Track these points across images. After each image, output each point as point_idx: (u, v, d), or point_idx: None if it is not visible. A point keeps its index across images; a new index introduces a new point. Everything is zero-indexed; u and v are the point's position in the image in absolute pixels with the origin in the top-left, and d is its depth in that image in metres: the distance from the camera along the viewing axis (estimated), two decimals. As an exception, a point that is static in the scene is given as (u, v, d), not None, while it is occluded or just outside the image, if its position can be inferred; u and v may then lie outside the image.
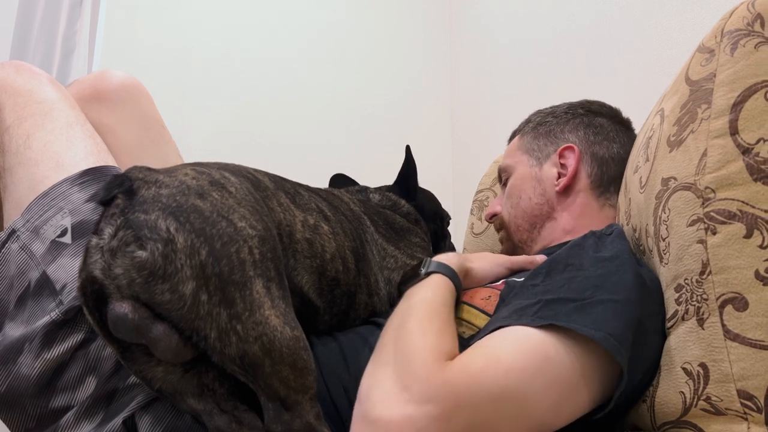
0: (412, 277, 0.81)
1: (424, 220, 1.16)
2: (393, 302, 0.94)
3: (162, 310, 0.60)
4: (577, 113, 1.11)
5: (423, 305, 0.72)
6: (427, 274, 0.79)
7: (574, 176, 1.04)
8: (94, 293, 0.62)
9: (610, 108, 1.12)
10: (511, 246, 1.11)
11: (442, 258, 0.84)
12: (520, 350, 0.64)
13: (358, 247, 0.89)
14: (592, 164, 1.04)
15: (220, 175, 0.71)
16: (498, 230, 1.14)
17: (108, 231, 0.61)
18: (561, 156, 1.06)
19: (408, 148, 1.18)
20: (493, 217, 1.15)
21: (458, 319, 0.79)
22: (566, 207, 1.04)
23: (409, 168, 1.18)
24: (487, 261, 0.92)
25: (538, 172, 1.08)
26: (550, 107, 1.16)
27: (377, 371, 0.65)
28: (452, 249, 1.28)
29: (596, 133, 1.06)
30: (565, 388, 0.65)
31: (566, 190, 1.04)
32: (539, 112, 1.17)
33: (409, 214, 1.12)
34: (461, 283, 0.82)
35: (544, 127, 1.12)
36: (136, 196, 0.63)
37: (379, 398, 0.61)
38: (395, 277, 0.96)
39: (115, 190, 0.64)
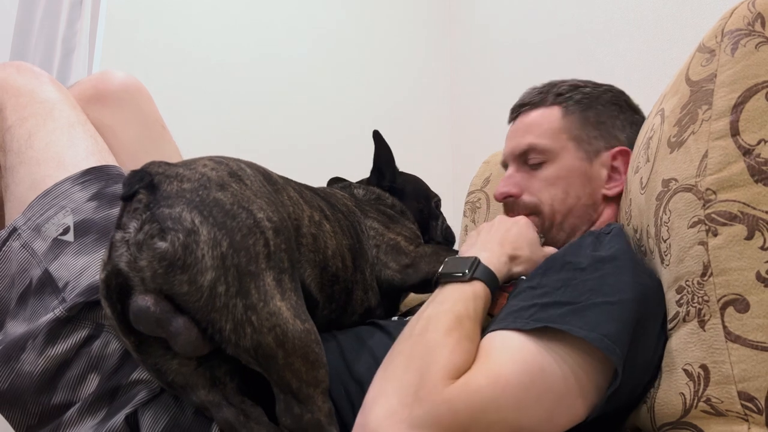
0: (454, 272, 0.77)
1: (406, 201, 1.13)
2: (381, 283, 0.93)
3: (181, 302, 0.61)
4: (623, 107, 1.01)
5: (450, 316, 0.70)
6: (471, 279, 0.76)
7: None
8: (118, 286, 0.63)
9: (635, 104, 1.04)
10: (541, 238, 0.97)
11: (493, 260, 0.80)
12: (516, 362, 0.65)
13: (355, 243, 0.90)
14: None
15: (237, 167, 0.74)
16: (525, 216, 0.97)
17: (133, 225, 0.63)
18: (614, 158, 0.96)
19: (376, 133, 1.13)
20: (507, 198, 1.00)
21: None
22: (605, 215, 0.97)
23: (380, 153, 1.14)
24: (534, 263, 0.85)
25: (589, 168, 0.96)
26: (586, 85, 1.02)
27: (386, 383, 0.65)
28: (448, 231, 1.22)
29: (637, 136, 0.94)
30: (560, 396, 0.65)
31: (613, 197, 0.96)
32: (574, 86, 1.01)
33: (394, 206, 1.11)
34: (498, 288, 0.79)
35: (592, 112, 0.98)
36: (158, 190, 0.65)
37: (380, 413, 0.61)
38: (381, 256, 0.95)
39: (136, 186, 0.65)
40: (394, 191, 1.14)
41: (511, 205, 0.99)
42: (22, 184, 0.83)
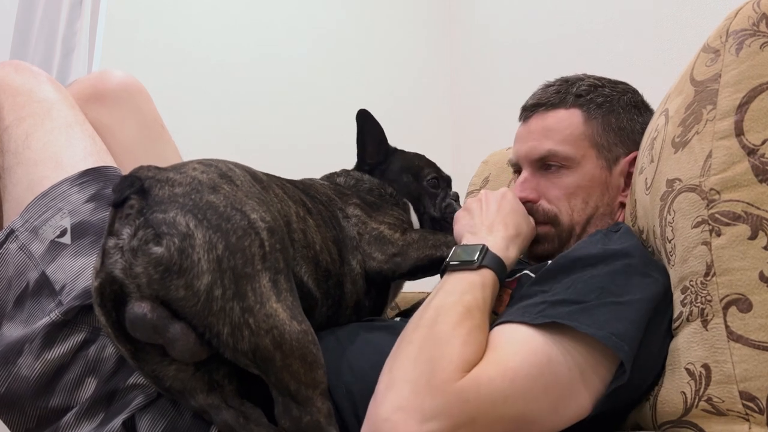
0: (462, 260, 0.77)
1: (391, 180, 1.08)
2: (368, 274, 0.90)
3: (178, 307, 0.61)
4: (641, 109, 0.98)
5: (460, 308, 0.70)
6: (480, 267, 0.75)
7: None
8: (112, 293, 0.62)
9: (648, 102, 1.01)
10: (557, 247, 0.95)
11: (500, 245, 0.79)
12: (524, 353, 0.65)
13: (338, 234, 0.89)
14: None
15: (226, 168, 0.73)
16: (543, 223, 0.95)
17: (126, 231, 0.62)
18: (630, 165, 0.94)
19: (358, 114, 1.08)
20: (524, 203, 0.95)
21: None
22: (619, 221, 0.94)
23: (362, 134, 1.09)
24: (529, 237, 0.87)
25: (608, 177, 0.94)
26: (604, 85, 0.98)
27: (397, 373, 0.65)
28: (447, 209, 1.12)
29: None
30: (566, 387, 0.66)
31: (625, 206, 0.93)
32: (593, 86, 0.98)
33: (372, 190, 1.05)
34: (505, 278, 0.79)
35: (613, 116, 0.96)
36: (150, 195, 0.64)
37: (391, 404, 0.62)
38: (365, 246, 0.92)
39: (127, 191, 0.65)
40: (377, 172, 1.10)
41: (529, 210, 0.95)
42: (20, 185, 0.83)
